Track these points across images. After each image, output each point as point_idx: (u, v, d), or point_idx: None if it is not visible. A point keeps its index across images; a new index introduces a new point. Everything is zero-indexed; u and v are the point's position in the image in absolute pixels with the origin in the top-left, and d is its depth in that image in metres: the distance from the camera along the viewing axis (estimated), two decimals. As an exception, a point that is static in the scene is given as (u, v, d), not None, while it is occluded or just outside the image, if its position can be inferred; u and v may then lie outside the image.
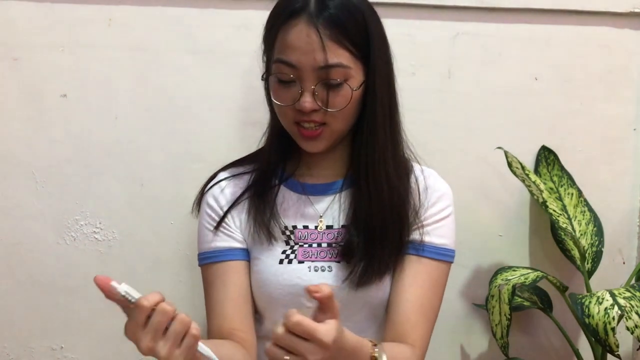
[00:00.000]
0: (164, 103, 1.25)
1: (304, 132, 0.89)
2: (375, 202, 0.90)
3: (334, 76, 0.85)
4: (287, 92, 0.87)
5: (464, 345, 1.36)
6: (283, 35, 0.86)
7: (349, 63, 0.86)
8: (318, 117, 0.87)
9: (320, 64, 0.84)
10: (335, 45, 0.84)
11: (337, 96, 0.86)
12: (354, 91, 0.87)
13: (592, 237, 1.27)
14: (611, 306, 0.99)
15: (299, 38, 0.84)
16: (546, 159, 1.32)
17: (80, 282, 1.26)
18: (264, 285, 0.93)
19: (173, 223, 1.27)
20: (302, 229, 0.95)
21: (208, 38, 1.24)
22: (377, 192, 0.90)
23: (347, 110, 0.88)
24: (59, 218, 1.25)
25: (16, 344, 1.28)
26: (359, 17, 0.87)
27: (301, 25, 0.84)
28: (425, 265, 0.94)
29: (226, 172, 1.02)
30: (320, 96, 0.86)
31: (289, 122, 0.91)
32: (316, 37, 0.83)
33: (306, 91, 0.86)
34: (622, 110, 1.34)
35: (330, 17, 0.84)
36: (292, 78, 0.86)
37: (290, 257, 0.93)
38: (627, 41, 1.32)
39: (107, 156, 1.25)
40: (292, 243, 0.94)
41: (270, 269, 0.93)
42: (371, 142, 0.90)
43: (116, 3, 1.22)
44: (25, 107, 1.23)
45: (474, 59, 1.29)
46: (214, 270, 0.96)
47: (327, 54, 0.84)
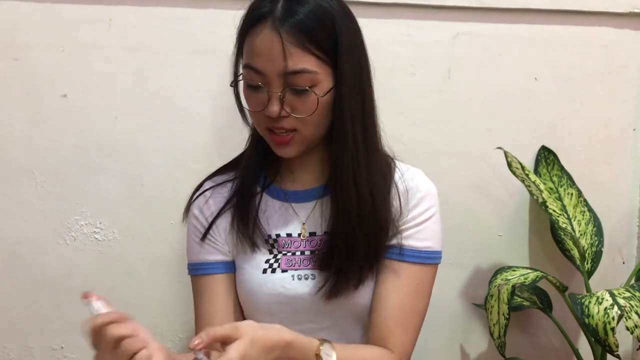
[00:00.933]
0: (164, 103, 1.25)
1: (275, 138, 0.88)
2: (348, 210, 0.89)
3: (299, 82, 0.83)
4: (256, 98, 0.87)
5: (463, 345, 1.36)
6: (250, 40, 0.85)
7: (315, 68, 0.84)
8: (287, 124, 0.86)
9: (284, 70, 0.83)
10: (299, 51, 0.82)
11: (304, 102, 0.85)
12: (320, 97, 0.85)
13: (591, 237, 1.27)
14: (611, 306, 0.99)
15: (263, 44, 0.83)
16: (546, 159, 1.32)
17: (80, 282, 1.26)
18: (249, 294, 0.93)
19: (173, 223, 1.27)
20: (285, 237, 0.95)
21: (208, 38, 1.24)
22: (349, 200, 0.88)
23: (316, 116, 0.86)
24: (59, 218, 1.25)
25: (16, 344, 1.28)
26: (328, 22, 0.84)
27: (266, 30, 0.83)
28: (407, 270, 0.92)
29: (211, 181, 1.01)
30: (288, 102, 0.85)
31: (261, 128, 0.90)
32: (278, 44, 0.82)
33: (273, 97, 0.84)
34: (621, 110, 1.34)
35: (296, 23, 0.82)
36: (259, 84, 0.85)
37: (273, 266, 0.93)
38: (627, 41, 1.32)
39: (107, 156, 1.25)
40: (275, 252, 0.94)
41: (255, 279, 0.93)
42: (340, 149, 0.88)
43: (116, 3, 1.22)
44: (25, 107, 1.23)
45: (474, 59, 1.29)
46: (202, 282, 0.97)
47: (290, 60, 0.82)
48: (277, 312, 0.92)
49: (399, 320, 0.91)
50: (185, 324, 1.29)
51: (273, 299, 0.92)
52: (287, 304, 0.92)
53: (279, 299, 0.91)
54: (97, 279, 1.27)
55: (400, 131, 1.27)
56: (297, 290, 0.91)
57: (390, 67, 1.27)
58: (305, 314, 0.92)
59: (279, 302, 0.91)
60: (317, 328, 0.93)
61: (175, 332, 1.29)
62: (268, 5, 0.84)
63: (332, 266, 0.90)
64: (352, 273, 0.90)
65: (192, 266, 0.99)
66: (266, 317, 0.92)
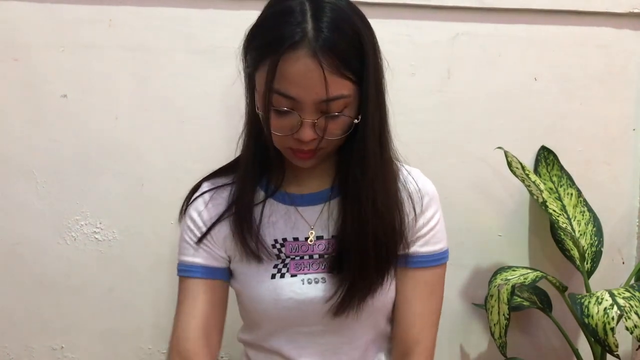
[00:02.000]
0: (164, 103, 1.25)
1: (298, 154, 0.86)
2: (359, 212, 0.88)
3: (334, 108, 0.81)
4: (285, 121, 0.83)
5: (463, 345, 1.36)
6: (281, 66, 0.79)
7: (349, 92, 0.81)
8: (315, 145, 0.84)
9: (322, 98, 0.79)
10: (337, 78, 0.79)
11: (336, 124, 0.83)
12: (352, 119, 0.84)
13: (591, 237, 1.27)
14: (610, 306, 0.99)
15: (298, 71, 0.78)
16: (545, 159, 1.32)
17: (80, 282, 1.26)
18: (258, 301, 0.92)
19: (173, 223, 1.27)
20: (292, 241, 0.93)
21: (208, 38, 1.24)
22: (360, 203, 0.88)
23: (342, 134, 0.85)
24: (59, 218, 1.25)
25: (16, 344, 1.28)
26: (356, 41, 0.81)
27: (302, 56, 0.78)
28: (425, 276, 0.93)
29: (209, 183, 0.99)
30: (319, 125, 0.82)
31: (283, 147, 0.88)
32: (318, 71, 0.78)
33: (306, 124, 0.82)
34: (621, 111, 1.34)
35: (332, 48, 0.78)
36: (290, 110, 0.82)
37: (282, 271, 0.92)
38: (627, 41, 1.32)
39: (107, 156, 1.25)
40: (283, 256, 0.92)
41: (263, 285, 0.91)
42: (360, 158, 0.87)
43: (116, 3, 1.22)
44: (25, 107, 1.23)
45: (474, 60, 1.29)
46: (189, 284, 0.95)
47: (329, 87, 0.79)
48: (286, 317, 0.91)
49: (424, 327, 0.93)
50: (185, 324, 1.29)
51: (283, 303, 0.90)
52: (297, 308, 0.90)
53: (289, 303, 0.90)
54: (97, 279, 1.27)
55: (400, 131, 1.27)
56: (307, 295, 0.90)
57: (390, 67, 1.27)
58: (314, 317, 0.91)
59: (289, 307, 0.90)
60: (325, 330, 0.92)
61: (175, 332, 1.29)
62: (298, 30, 0.78)
63: (343, 269, 0.89)
64: (363, 277, 0.89)
65: (182, 267, 0.97)
66: (275, 322, 0.92)
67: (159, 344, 1.29)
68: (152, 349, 1.30)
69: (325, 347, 0.93)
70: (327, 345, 0.93)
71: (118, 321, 1.28)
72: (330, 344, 0.93)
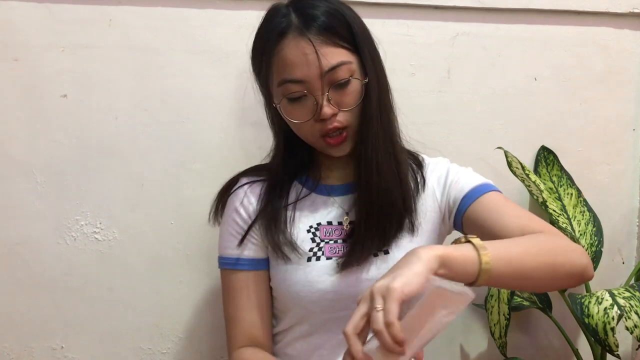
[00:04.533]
0: (164, 103, 1.25)
1: (330, 141, 0.90)
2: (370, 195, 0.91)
3: (340, 75, 0.87)
4: (302, 108, 0.89)
5: (463, 345, 1.36)
6: (278, 57, 0.87)
7: (349, 59, 0.88)
8: (339, 121, 0.88)
9: (324, 69, 0.85)
10: (330, 48, 0.86)
11: (348, 94, 0.88)
12: (362, 83, 0.89)
13: (591, 237, 1.27)
14: (610, 306, 0.99)
15: (295, 54, 0.86)
16: (545, 159, 1.32)
17: (80, 282, 1.26)
18: (293, 283, 0.93)
19: (173, 223, 1.27)
20: (326, 225, 0.96)
21: (208, 38, 1.24)
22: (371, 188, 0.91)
23: (360, 104, 0.89)
24: (59, 218, 1.25)
25: (16, 344, 1.27)
26: (340, 17, 0.88)
27: (292, 42, 0.86)
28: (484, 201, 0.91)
29: (246, 178, 1.03)
30: (334, 99, 0.88)
31: (314, 138, 0.92)
32: (310, 47, 0.85)
33: (321, 100, 0.87)
34: (621, 111, 1.34)
35: (318, 25, 0.86)
36: (303, 93, 0.87)
37: (317, 255, 0.94)
38: (627, 41, 1.32)
39: (107, 156, 1.25)
40: (317, 240, 0.95)
41: (299, 268, 0.93)
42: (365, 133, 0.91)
43: (116, 3, 1.22)
44: (25, 107, 1.23)
45: (474, 60, 1.29)
46: (238, 277, 0.98)
47: (325, 59, 0.85)
48: (320, 300, 0.92)
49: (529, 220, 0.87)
50: (185, 324, 1.29)
51: (317, 285, 0.92)
52: (331, 291, 0.92)
53: (324, 286, 0.92)
54: (97, 279, 1.27)
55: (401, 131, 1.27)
56: (342, 276, 0.92)
57: (390, 67, 1.26)
58: (348, 300, 0.92)
59: (324, 290, 0.92)
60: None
61: (175, 332, 1.29)
62: (283, 20, 0.87)
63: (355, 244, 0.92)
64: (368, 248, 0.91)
65: (227, 260, 0.99)
66: (308, 305, 0.93)
67: (159, 344, 1.29)
68: (152, 349, 1.29)
69: None
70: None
71: (118, 321, 1.28)
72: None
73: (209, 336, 1.29)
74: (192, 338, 1.29)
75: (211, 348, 1.30)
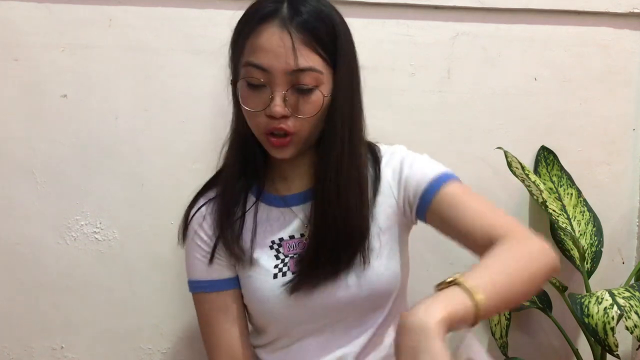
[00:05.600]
0: (164, 103, 1.25)
1: (273, 141, 0.87)
2: (328, 214, 0.88)
3: (305, 81, 0.83)
4: (257, 97, 0.85)
5: (463, 345, 1.36)
6: (254, 39, 0.84)
7: (320, 68, 0.84)
8: (288, 126, 0.85)
9: (292, 68, 0.82)
10: (307, 50, 0.82)
11: (308, 103, 0.84)
12: (325, 97, 0.85)
13: (591, 237, 1.27)
14: (610, 306, 0.99)
15: (270, 41, 0.82)
16: (545, 159, 1.32)
17: (80, 282, 1.26)
18: (262, 301, 0.92)
19: (173, 223, 1.26)
20: (288, 239, 0.94)
21: (208, 38, 1.24)
22: (329, 204, 0.88)
23: (316, 117, 0.86)
24: (59, 218, 1.25)
25: (16, 344, 1.28)
26: (329, 25, 0.85)
27: (273, 28, 0.82)
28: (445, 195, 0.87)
29: (203, 198, 0.99)
30: (290, 102, 0.84)
31: (259, 132, 0.88)
32: (288, 41, 0.81)
33: (277, 96, 0.83)
34: (621, 110, 1.34)
35: (303, 22, 0.83)
36: (262, 82, 0.84)
37: (283, 270, 0.92)
38: (627, 41, 1.32)
39: (107, 156, 1.25)
40: (282, 256, 0.93)
41: (266, 285, 0.92)
42: (327, 152, 0.88)
43: (116, 3, 1.22)
44: (25, 107, 1.23)
45: (474, 60, 1.29)
46: (212, 299, 0.96)
47: (299, 57, 0.82)
48: (292, 315, 0.91)
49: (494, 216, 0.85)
50: (185, 324, 1.29)
51: (287, 301, 0.90)
52: (303, 305, 0.91)
53: (293, 301, 0.90)
54: (97, 279, 1.27)
55: (400, 131, 1.27)
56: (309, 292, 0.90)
57: (390, 67, 1.27)
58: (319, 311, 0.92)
59: (294, 305, 0.91)
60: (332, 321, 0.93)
61: (175, 332, 1.29)
62: (272, 6, 0.84)
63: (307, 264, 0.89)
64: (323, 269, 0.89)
65: (197, 284, 0.97)
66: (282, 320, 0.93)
67: (159, 344, 1.29)
68: (152, 349, 1.30)
69: (334, 334, 0.93)
70: (336, 332, 0.93)
71: (118, 321, 1.28)
72: (338, 331, 0.93)
73: None
74: (192, 338, 1.29)
75: (211, 348, 1.30)
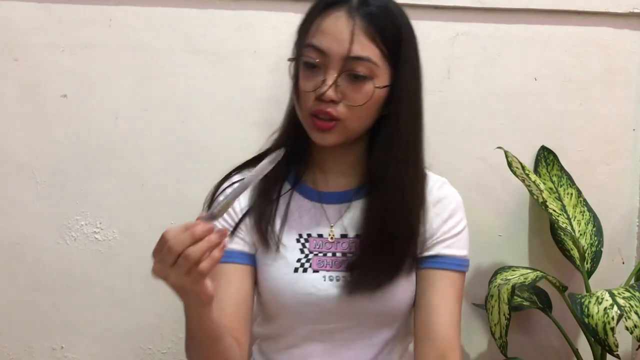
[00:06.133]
0: (164, 103, 1.25)
1: (317, 122, 0.88)
2: (387, 214, 0.90)
3: (359, 69, 0.85)
4: (311, 78, 0.87)
5: (463, 345, 1.36)
6: (318, 22, 0.87)
7: (377, 60, 0.86)
8: (335, 111, 0.86)
9: (348, 54, 0.84)
10: (367, 39, 0.85)
11: (358, 91, 0.86)
12: (376, 89, 0.86)
13: (591, 237, 1.27)
14: (610, 306, 0.99)
15: (334, 25, 0.85)
16: (545, 159, 1.32)
17: (80, 282, 1.26)
18: (278, 293, 0.92)
19: (173, 223, 1.27)
20: (316, 237, 0.94)
21: (208, 38, 1.24)
22: (392, 205, 0.90)
23: (365, 109, 0.87)
24: (59, 218, 1.25)
25: (16, 344, 1.28)
26: (395, 24, 0.88)
27: (339, 13, 0.85)
28: (451, 278, 0.94)
29: (239, 175, 1.00)
30: (341, 88, 0.86)
31: (305, 113, 0.89)
32: (351, 27, 0.84)
33: (329, 79, 0.85)
34: (621, 111, 1.34)
35: (369, 13, 0.85)
36: (317, 63, 0.86)
37: (305, 266, 0.92)
38: (627, 41, 1.32)
39: (107, 156, 1.25)
40: (306, 252, 0.93)
41: (285, 277, 0.92)
42: (391, 155, 0.90)
43: (116, 3, 1.22)
44: (25, 107, 1.23)
45: (474, 59, 1.29)
46: (220, 268, 0.94)
47: (357, 45, 0.84)
48: (303, 312, 0.91)
49: (455, 328, 0.93)
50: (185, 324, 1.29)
51: (303, 298, 0.91)
52: (316, 304, 0.91)
53: (310, 299, 0.91)
54: (97, 279, 1.27)
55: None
56: (327, 292, 0.91)
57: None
58: (332, 315, 0.92)
59: (309, 302, 0.91)
60: (342, 327, 0.93)
61: (176, 332, 1.29)
62: None
63: (363, 268, 0.91)
64: (378, 274, 0.90)
65: None
66: (292, 316, 0.92)
67: (159, 344, 1.29)
68: (152, 349, 1.30)
69: (340, 342, 0.94)
70: (342, 341, 0.94)
71: (118, 321, 1.28)
72: (345, 340, 0.94)
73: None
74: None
75: (211, 348, 1.30)
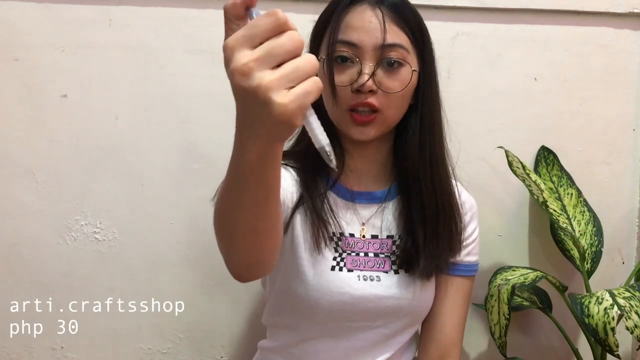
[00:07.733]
0: (164, 103, 1.25)
1: (356, 117, 0.88)
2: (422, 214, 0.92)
3: (394, 55, 0.86)
4: (345, 73, 0.87)
5: (463, 345, 1.36)
6: (345, 18, 0.88)
7: (407, 46, 0.88)
8: (374, 100, 0.87)
9: (381, 42, 0.85)
10: (396, 27, 0.87)
11: (396, 79, 0.87)
12: (413, 71, 0.88)
13: (591, 237, 1.27)
14: (611, 306, 0.99)
15: (361, 19, 0.86)
16: (545, 159, 1.32)
17: (80, 282, 1.26)
18: (314, 289, 0.90)
19: (173, 223, 1.27)
20: (348, 237, 0.94)
21: (208, 38, 1.24)
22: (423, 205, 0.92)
23: (401, 96, 0.88)
24: (59, 218, 1.25)
25: (16, 344, 1.27)
26: (414, 11, 0.90)
27: (364, 7, 0.87)
28: (464, 284, 0.98)
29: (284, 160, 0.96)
30: (378, 77, 0.87)
31: (344, 108, 0.88)
32: (379, 17, 0.86)
33: (366, 70, 0.86)
34: (621, 111, 1.34)
35: (393, 4, 0.88)
36: (351, 56, 0.86)
37: (340, 265, 0.92)
38: (627, 41, 1.32)
39: (107, 156, 1.25)
40: (340, 250, 0.93)
41: (322, 275, 0.91)
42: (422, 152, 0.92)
43: (116, 3, 1.22)
44: (25, 107, 1.23)
45: (474, 59, 1.29)
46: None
47: (388, 33, 0.86)
48: (336, 310, 0.91)
49: (460, 332, 0.98)
50: (185, 324, 1.29)
51: (338, 297, 0.90)
52: (350, 303, 0.90)
53: (345, 297, 0.90)
54: (97, 279, 1.27)
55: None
56: (363, 291, 0.91)
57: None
58: (363, 313, 0.92)
59: (343, 301, 0.90)
60: (370, 326, 0.94)
61: (176, 332, 1.29)
62: None
63: (402, 268, 0.93)
64: (417, 276, 0.92)
65: None
66: (324, 313, 0.91)
67: (159, 344, 1.29)
68: (152, 349, 1.30)
69: (362, 343, 0.94)
70: (364, 341, 0.94)
71: (118, 321, 1.28)
72: (367, 341, 0.94)
73: (209, 336, 1.29)
74: (192, 338, 1.29)
75: (211, 348, 1.30)
